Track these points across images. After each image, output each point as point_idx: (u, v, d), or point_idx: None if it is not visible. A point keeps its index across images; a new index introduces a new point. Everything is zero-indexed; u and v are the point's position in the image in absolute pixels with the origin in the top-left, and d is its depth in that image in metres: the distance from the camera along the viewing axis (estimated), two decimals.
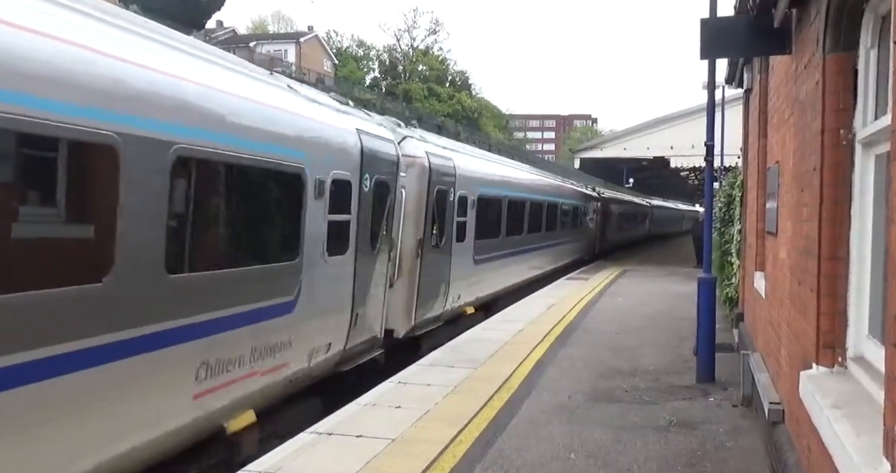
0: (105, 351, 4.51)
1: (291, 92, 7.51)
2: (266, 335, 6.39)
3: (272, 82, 7.28)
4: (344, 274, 8.06)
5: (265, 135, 6.32)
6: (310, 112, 7.49)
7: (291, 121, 6.93)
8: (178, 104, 5.19)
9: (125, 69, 4.72)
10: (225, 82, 6.03)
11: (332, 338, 7.86)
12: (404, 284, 10.59)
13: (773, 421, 5.29)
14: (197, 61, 5.83)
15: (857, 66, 3.93)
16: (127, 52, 4.85)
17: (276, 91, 7.10)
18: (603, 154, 27.21)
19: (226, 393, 5.84)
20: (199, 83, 5.53)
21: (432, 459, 5.70)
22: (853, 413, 3.14)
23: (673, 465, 5.67)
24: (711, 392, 7.98)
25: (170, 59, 5.38)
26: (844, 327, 3.88)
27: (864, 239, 3.77)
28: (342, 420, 6.72)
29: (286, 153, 6.64)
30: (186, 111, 5.27)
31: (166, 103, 5.05)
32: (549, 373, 8.79)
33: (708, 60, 8.38)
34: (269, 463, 5.54)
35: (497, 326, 12.32)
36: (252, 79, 6.73)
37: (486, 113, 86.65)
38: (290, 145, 6.75)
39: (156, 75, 5.03)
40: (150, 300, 4.92)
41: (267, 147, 6.32)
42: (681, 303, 14.49)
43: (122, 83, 4.63)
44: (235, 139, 5.83)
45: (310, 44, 74.52)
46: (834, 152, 3.97)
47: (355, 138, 8.29)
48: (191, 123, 5.28)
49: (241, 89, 6.24)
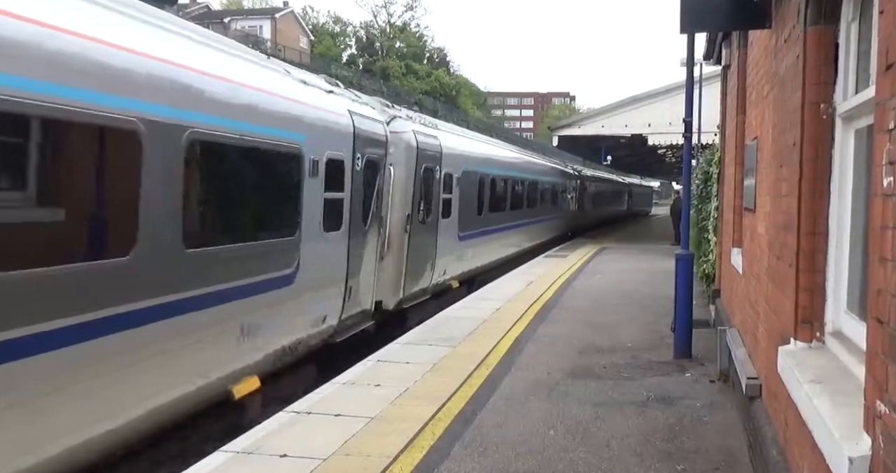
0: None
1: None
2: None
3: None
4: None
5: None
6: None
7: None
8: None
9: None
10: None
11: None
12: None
13: (751, 396, 5.32)
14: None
15: (837, 39, 3.90)
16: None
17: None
18: (581, 131, 27.12)
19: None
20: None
21: (411, 437, 5.68)
22: (832, 388, 3.14)
23: (651, 440, 5.70)
24: (689, 367, 8.04)
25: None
26: (823, 302, 3.89)
27: (843, 214, 3.76)
28: (321, 398, 6.68)
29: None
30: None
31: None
32: (527, 350, 8.81)
33: (687, 35, 8.34)
34: (247, 442, 5.49)
35: (475, 304, 12.32)
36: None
37: (464, 90, 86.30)
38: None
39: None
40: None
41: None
42: (659, 280, 14.56)
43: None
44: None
45: (285, 19, 73.42)
46: (814, 127, 3.94)
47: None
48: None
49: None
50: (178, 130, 5.42)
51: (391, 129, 10.70)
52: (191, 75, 5.74)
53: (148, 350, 5.25)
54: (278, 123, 7.00)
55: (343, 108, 8.77)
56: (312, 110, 7.90)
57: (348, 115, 8.79)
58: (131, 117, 4.91)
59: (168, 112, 5.32)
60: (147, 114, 5.06)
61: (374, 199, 9.71)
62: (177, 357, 5.63)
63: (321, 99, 8.31)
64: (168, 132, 5.31)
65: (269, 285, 6.94)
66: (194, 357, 5.90)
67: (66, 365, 4.51)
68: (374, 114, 9.95)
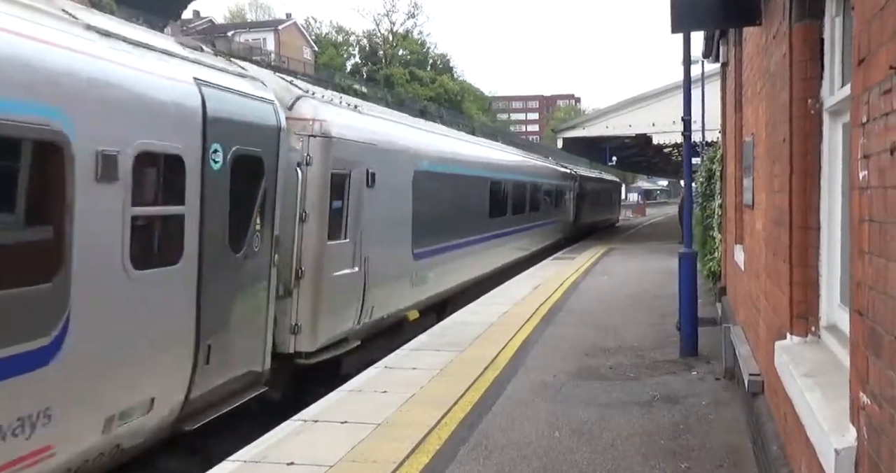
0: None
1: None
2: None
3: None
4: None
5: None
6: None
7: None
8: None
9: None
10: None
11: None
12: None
13: (753, 393, 5.33)
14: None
15: (822, 35, 3.93)
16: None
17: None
18: (585, 133, 27.19)
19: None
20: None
21: (417, 442, 5.71)
22: (824, 382, 3.16)
23: (656, 439, 5.72)
24: (695, 366, 8.04)
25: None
26: (817, 296, 3.91)
27: (833, 209, 3.78)
28: (328, 406, 6.72)
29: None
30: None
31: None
32: (534, 353, 8.82)
33: (682, 34, 8.36)
34: (253, 452, 5.54)
35: (483, 309, 12.34)
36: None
37: (468, 96, 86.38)
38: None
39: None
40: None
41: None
42: (665, 280, 14.53)
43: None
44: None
45: (288, 31, 73.86)
46: (802, 122, 3.97)
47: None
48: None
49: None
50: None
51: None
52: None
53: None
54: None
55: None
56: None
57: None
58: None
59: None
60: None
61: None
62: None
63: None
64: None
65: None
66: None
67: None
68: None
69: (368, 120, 10.18)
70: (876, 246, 2.19)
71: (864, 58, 2.33)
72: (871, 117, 2.23)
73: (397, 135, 11.05)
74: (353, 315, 9.15)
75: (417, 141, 12.03)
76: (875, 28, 2.17)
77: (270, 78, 8.44)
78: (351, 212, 9.02)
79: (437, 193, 12.39)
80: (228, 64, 7.34)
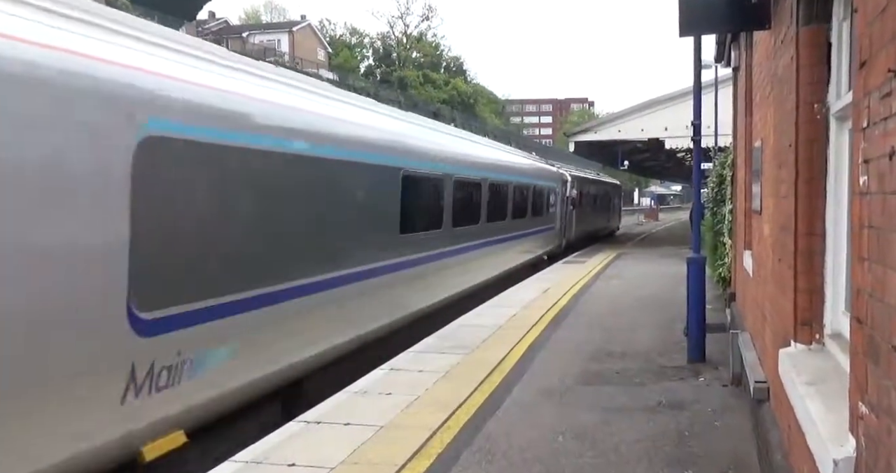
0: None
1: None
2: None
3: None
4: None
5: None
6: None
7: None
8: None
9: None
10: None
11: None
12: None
13: (759, 400, 5.27)
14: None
15: (830, 38, 3.88)
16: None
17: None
18: (597, 137, 27.06)
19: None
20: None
21: (420, 445, 5.69)
22: (826, 390, 3.11)
23: (660, 445, 5.66)
24: (702, 372, 7.97)
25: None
26: (821, 303, 3.86)
27: (839, 215, 3.74)
28: (332, 407, 6.71)
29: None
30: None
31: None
32: (541, 357, 8.78)
33: (693, 37, 8.30)
34: (255, 453, 5.53)
35: (491, 311, 12.30)
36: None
37: (481, 99, 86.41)
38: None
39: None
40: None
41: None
42: (676, 284, 14.42)
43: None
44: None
45: (303, 33, 74.19)
46: (808, 127, 3.93)
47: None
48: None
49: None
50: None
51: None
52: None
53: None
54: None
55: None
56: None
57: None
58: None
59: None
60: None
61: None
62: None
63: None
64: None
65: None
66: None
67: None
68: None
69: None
70: (875, 252, 2.15)
71: (865, 61, 2.30)
72: (871, 121, 2.20)
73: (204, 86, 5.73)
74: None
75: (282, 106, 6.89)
76: (876, 30, 2.14)
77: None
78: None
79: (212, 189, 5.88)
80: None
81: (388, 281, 9.40)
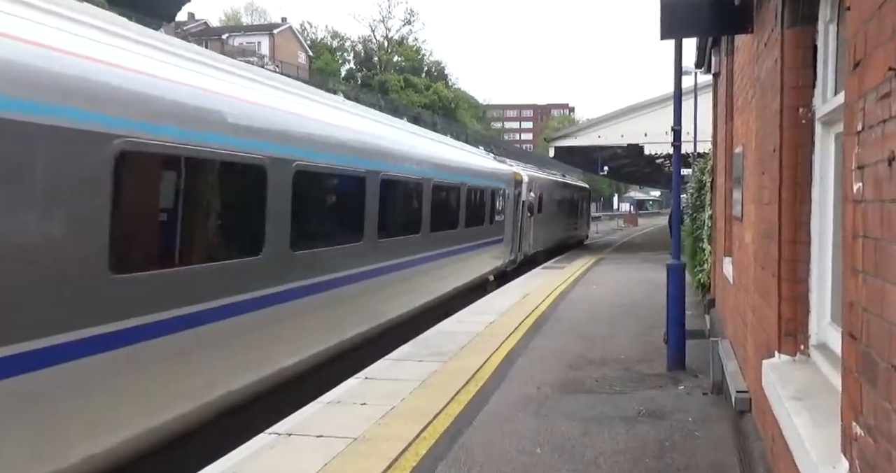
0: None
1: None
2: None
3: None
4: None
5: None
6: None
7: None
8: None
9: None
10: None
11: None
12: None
13: (741, 411, 5.17)
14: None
15: (816, 41, 3.78)
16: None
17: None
18: (577, 142, 27.06)
19: None
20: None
21: (393, 458, 5.51)
22: (813, 405, 2.99)
23: (640, 457, 5.53)
24: (682, 380, 7.87)
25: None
26: (806, 313, 3.74)
27: (825, 222, 3.63)
28: (304, 419, 6.51)
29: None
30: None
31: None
32: (519, 365, 8.63)
33: (674, 41, 8.22)
34: (224, 466, 5.32)
35: (469, 318, 12.15)
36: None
37: (462, 104, 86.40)
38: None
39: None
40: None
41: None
42: (655, 291, 14.37)
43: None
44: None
45: (284, 35, 73.78)
46: (793, 132, 3.82)
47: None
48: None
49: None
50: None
51: None
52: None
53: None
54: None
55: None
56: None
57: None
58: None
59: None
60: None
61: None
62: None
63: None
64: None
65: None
66: None
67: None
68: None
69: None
70: (871, 264, 2.03)
71: (859, 60, 2.17)
72: (867, 125, 2.07)
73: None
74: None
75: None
76: (872, 28, 2.01)
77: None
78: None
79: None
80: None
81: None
